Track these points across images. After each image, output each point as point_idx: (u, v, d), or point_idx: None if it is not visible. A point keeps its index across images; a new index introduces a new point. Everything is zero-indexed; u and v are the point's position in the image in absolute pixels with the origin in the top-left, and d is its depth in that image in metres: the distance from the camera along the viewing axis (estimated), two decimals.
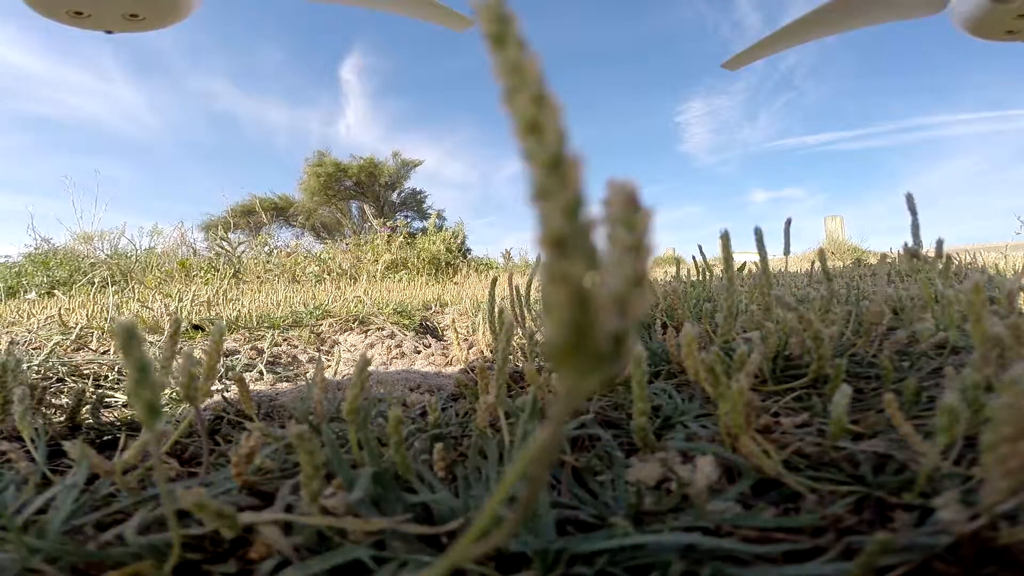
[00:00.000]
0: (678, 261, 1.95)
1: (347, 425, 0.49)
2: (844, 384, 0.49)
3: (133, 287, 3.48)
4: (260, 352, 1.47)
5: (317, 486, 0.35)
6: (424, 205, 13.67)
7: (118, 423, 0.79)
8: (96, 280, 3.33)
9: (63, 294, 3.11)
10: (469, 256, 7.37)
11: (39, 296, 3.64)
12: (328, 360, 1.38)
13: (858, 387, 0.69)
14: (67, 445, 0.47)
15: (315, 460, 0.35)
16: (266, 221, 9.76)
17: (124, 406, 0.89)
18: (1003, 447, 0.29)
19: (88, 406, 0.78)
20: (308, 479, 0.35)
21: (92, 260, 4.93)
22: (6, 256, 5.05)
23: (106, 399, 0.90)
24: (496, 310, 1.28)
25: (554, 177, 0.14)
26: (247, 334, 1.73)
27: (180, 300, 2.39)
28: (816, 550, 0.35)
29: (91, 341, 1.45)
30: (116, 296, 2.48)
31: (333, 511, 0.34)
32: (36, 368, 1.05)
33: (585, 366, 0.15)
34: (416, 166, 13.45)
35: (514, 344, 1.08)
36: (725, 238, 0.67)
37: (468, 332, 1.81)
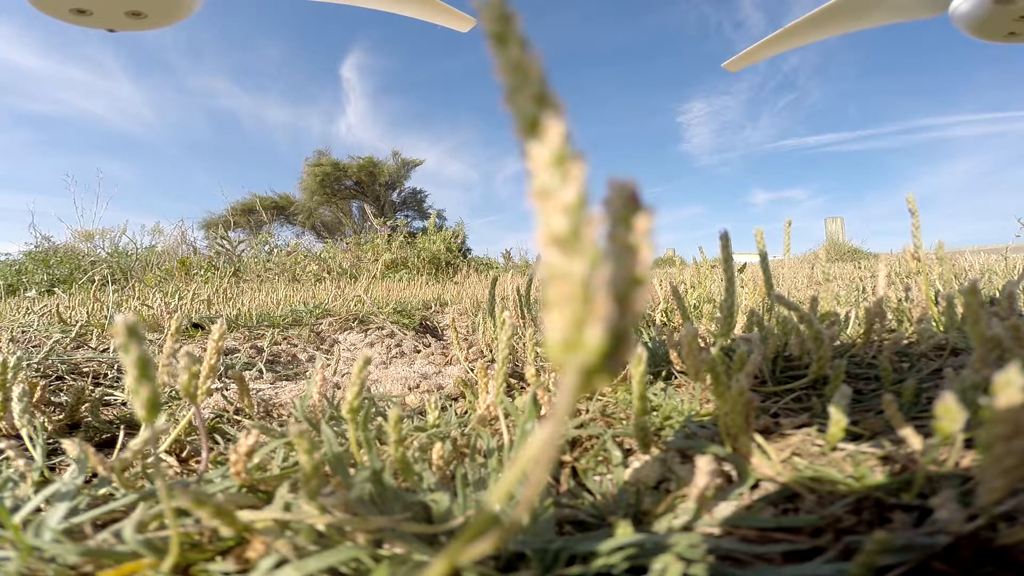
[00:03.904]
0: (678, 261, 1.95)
1: (346, 424, 0.49)
2: (844, 385, 0.49)
3: (133, 285, 3.48)
4: (260, 351, 1.47)
5: (316, 485, 0.35)
6: (424, 205, 13.68)
7: (117, 421, 0.79)
8: (96, 278, 3.34)
9: (63, 292, 3.11)
10: (469, 256, 7.37)
11: (39, 294, 3.64)
12: (328, 359, 1.38)
13: (857, 388, 0.69)
14: (66, 443, 0.47)
15: (314, 459, 0.35)
16: (266, 220, 9.76)
17: (123, 404, 0.89)
18: (999, 446, 0.29)
19: (87, 404, 0.78)
20: (307, 478, 0.35)
21: (92, 258, 4.93)
22: (6, 254, 5.05)
23: (105, 397, 0.90)
24: (496, 309, 1.27)
25: (555, 176, 0.14)
26: (247, 333, 1.73)
27: (180, 298, 2.39)
28: (815, 550, 0.35)
29: (91, 339, 1.45)
30: (116, 294, 2.48)
31: (332, 510, 0.34)
32: (35, 366, 1.05)
33: (585, 365, 0.15)
34: (416, 165, 13.46)
35: (514, 344, 1.08)
36: (725, 238, 0.67)
37: (468, 332, 1.81)
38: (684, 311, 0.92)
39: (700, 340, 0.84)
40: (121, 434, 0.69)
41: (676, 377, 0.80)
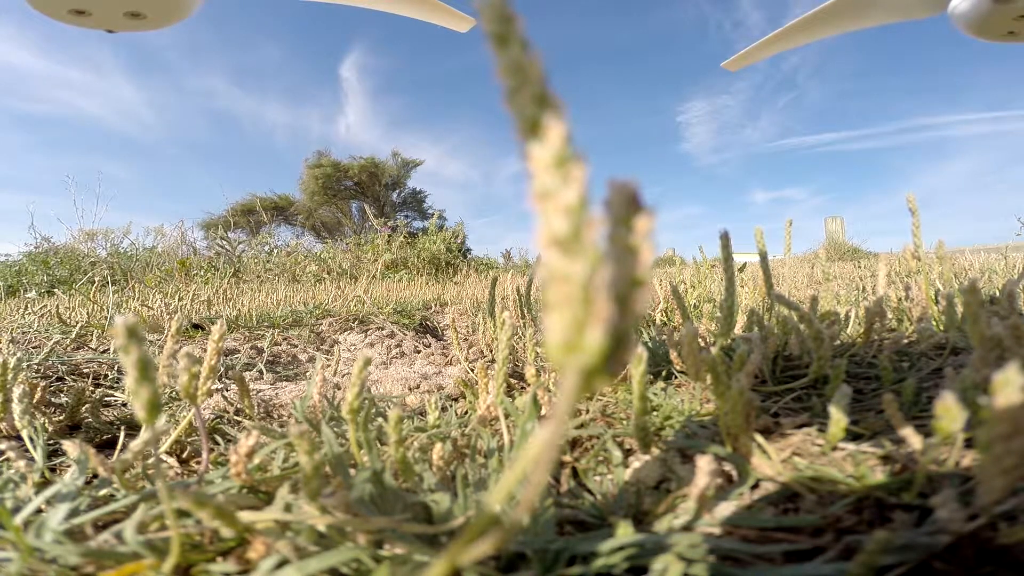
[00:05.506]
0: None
1: (347, 425, 0.49)
2: (844, 384, 0.49)
3: (133, 286, 3.48)
4: (260, 351, 1.47)
5: (317, 485, 0.35)
6: (424, 205, 13.69)
7: (117, 422, 0.79)
8: (96, 279, 3.34)
9: (63, 293, 3.11)
10: (469, 256, 7.38)
11: (39, 295, 3.64)
12: (328, 359, 1.38)
13: (858, 387, 0.69)
14: (66, 444, 0.47)
15: (315, 459, 0.35)
16: (266, 220, 9.75)
17: (124, 405, 0.89)
18: (999, 445, 0.29)
19: (88, 405, 0.78)
20: (308, 478, 0.35)
21: (92, 259, 4.93)
22: (6, 255, 5.06)
23: (106, 398, 0.90)
24: (496, 309, 1.27)
25: (556, 177, 0.15)
26: (247, 333, 1.73)
27: (180, 299, 2.39)
28: (815, 550, 0.35)
29: (91, 340, 1.45)
30: (116, 295, 2.47)
31: (332, 511, 0.34)
32: (36, 367, 1.05)
33: (586, 366, 0.15)
34: (416, 166, 13.47)
35: (514, 344, 1.08)
36: (725, 238, 0.67)
37: (468, 332, 1.81)
38: (684, 311, 0.92)
39: (700, 340, 0.84)
40: (121, 435, 0.69)
41: (676, 377, 0.80)
